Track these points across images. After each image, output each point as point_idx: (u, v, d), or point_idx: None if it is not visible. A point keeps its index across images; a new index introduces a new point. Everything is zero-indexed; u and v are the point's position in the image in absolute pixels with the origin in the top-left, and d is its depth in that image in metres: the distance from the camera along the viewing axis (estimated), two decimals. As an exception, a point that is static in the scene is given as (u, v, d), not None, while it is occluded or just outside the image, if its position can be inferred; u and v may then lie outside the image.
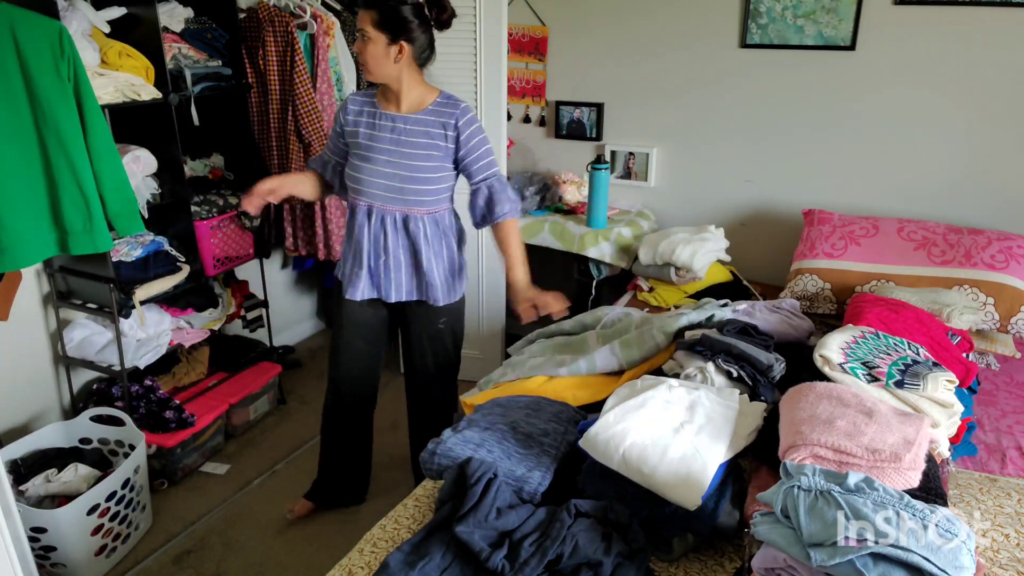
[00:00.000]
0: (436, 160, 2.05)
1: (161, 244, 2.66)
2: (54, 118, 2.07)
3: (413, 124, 2.03)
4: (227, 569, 2.31)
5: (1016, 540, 1.48)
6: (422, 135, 2.03)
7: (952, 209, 2.77)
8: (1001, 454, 1.82)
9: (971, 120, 2.68)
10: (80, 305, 2.56)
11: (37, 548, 2.11)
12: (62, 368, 2.67)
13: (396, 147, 2.04)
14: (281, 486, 2.70)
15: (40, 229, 2.16)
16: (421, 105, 2.05)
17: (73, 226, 2.18)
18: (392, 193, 2.06)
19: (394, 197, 2.06)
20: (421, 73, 2.07)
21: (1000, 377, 2.22)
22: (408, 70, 2.01)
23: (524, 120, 3.51)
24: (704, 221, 3.15)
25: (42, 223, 2.16)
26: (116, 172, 2.25)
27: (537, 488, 1.51)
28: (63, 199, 2.15)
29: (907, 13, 2.66)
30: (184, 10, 2.71)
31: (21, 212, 2.09)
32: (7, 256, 2.09)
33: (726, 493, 1.44)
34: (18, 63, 2.00)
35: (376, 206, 2.08)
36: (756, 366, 1.75)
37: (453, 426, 1.72)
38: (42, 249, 2.18)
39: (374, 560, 1.46)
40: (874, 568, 1.06)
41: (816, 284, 2.56)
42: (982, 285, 2.37)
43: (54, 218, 2.17)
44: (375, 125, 2.07)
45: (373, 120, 2.07)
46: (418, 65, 2.04)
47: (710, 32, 2.99)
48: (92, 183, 2.18)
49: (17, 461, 2.27)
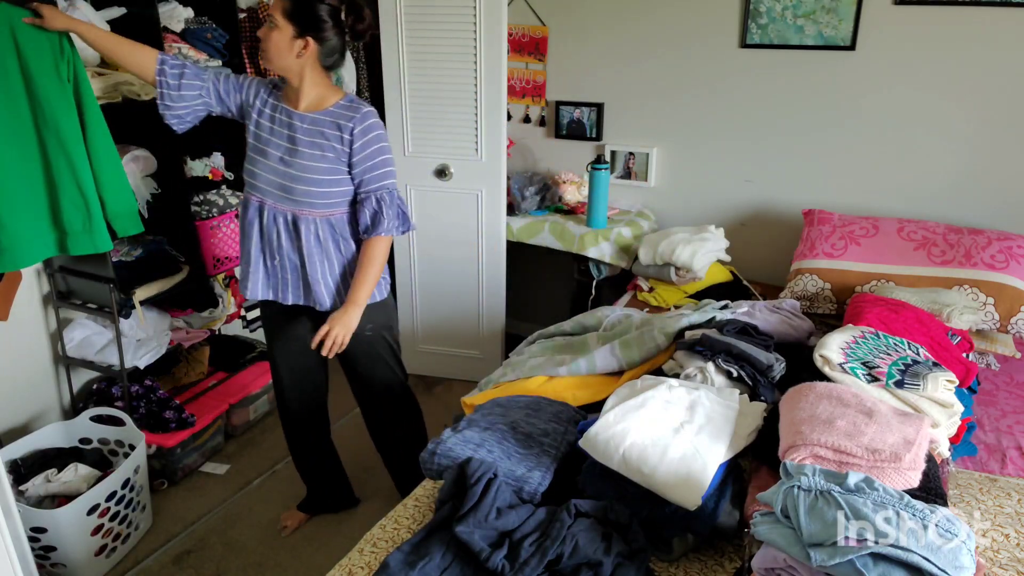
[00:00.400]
0: (328, 162, 1.95)
1: (161, 244, 2.66)
2: (54, 119, 2.07)
3: (309, 123, 1.95)
4: (227, 569, 2.31)
5: (1016, 540, 1.48)
6: (317, 135, 1.94)
7: (952, 209, 2.77)
8: (1001, 454, 1.82)
9: (971, 120, 2.68)
10: (80, 305, 2.56)
11: (37, 548, 2.11)
12: (62, 368, 2.67)
13: (290, 144, 1.96)
14: (281, 486, 2.70)
15: (40, 229, 2.16)
16: (320, 105, 1.96)
17: (72, 226, 2.18)
18: (282, 192, 1.98)
19: (284, 197, 1.98)
20: (327, 75, 2.00)
21: (1000, 377, 2.22)
22: (311, 68, 1.94)
23: (524, 120, 3.51)
24: (704, 221, 3.16)
25: (42, 223, 2.16)
26: (116, 173, 2.25)
27: (537, 488, 1.51)
28: (63, 200, 2.15)
29: (907, 13, 2.66)
30: (184, 10, 2.70)
31: (21, 212, 2.09)
32: (6, 256, 2.09)
33: (726, 493, 1.44)
34: (18, 64, 2.00)
35: (268, 203, 2.01)
36: (756, 366, 1.75)
37: (453, 426, 1.72)
38: (41, 249, 2.18)
39: (374, 560, 1.46)
40: (874, 568, 1.06)
41: (816, 284, 2.56)
42: (982, 285, 2.37)
43: (54, 218, 2.17)
44: (274, 119, 2.00)
45: (273, 114, 2.00)
46: (323, 67, 1.97)
47: (710, 32, 2.99)
48: (91, 183, 2.17)
49: (17, 461, 2.27)
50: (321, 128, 1.95)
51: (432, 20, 2.93)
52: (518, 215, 3.24)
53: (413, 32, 2.97)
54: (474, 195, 3.11)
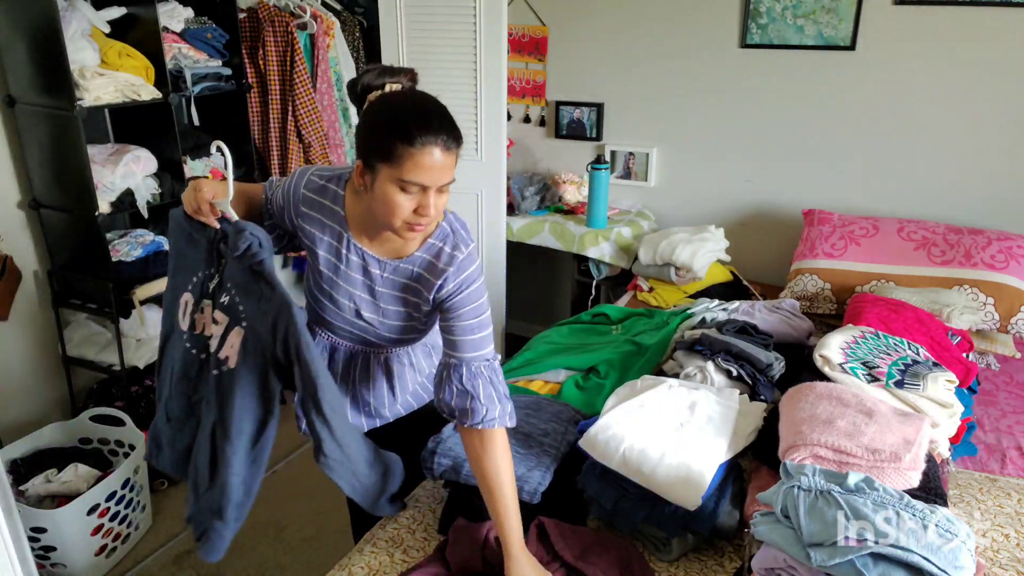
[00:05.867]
0: (415, 320, 1.52)
1: (161, 244, 2.66)
2: None
3: (391, 273, 1.45)
4: (227, 569, 2.31)
5: (1016, 540, 1.48)
6: (401, 288, 1.46)
7: (952, 209, 2.77)
8: (1001, 454, 1.82)
9: (971, 120, 2.68)
10: (80, 305, 2.56)
11: (37, 548, 2.11)
12: (62, 368, 2.66)
13: (367, 296, 1.47)
14: (281, 486, 2.70)
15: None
16: (404, 251, 1.44)
17: None
18: (362, 344, 1.58)
19: (365, 342, 1.57)
20: None
21: (1000, 377, 2.22)
22: None
23: (524, 120, 3.51)
24: (704, 221, 3.15)
25: None
26: None
27: (537, 488, 1.51)
28: None
29: (907, 13, 2.66)
30: (184, 10, 2.71)
31: None
32: None
33: (726, 493, 1.44)
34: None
35: (343, 344, 1.60)
36: (755, 365, 1.76)
37: (454, 424, 1.71)
38: None
39: (374, 560, 1.46)
40: (874, 568, 1.06)
41: (816, 284, 2.55)
42: (982, 285, 2.37)
43: None
44: (340, 255, 1.45)
45: (338, 245, 1.45)
46: None
47: (710, 32, 2.99)
48: None
49: (17, 461, 2.27)
50: (405, 280, 1.45)
51: (432, 20, 2.93)
52: (518, 215, 3.24)
53: (413, 32, 2.97)
54: (474, 195, 3.10)
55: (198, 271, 1.48)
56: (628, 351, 2.14)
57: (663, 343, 2.11)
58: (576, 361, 2.12)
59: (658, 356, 2.07)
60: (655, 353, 2.09)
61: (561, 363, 2.11)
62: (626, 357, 2.12)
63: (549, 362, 2.13)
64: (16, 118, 2.41)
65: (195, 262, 1.48)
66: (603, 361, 2.10)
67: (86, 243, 2.46)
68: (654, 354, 2.08)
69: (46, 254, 2.58)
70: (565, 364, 2.11)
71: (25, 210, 2.51)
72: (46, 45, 2.21)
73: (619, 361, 2.10)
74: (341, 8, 3.26)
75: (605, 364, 2.09)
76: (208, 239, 1.46)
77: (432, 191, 1.30)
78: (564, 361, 2.12)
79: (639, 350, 2.14)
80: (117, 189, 2.45)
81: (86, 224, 2.41)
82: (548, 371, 2.09)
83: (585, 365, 2.11)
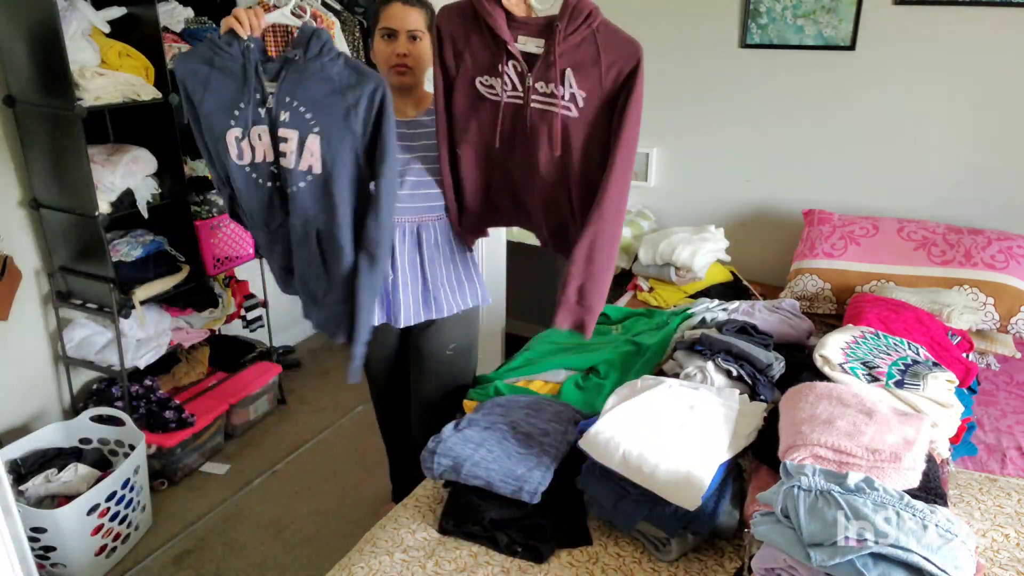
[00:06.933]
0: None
1: (161, 244, 2.66)
2: None
3: (429, 124, 1.83)
4: (227, 569, 2.31)
5: (1016, 540, 1.48)
6: (434, 135, 1.81)
7: (952, 209, 2.77)
8: (1001, 454, 1.82)
9: (971, 120, 2.68)
10: (80, 305, 2.56)
11: (37, 548, 2.11)
12: (62, 368, 2.66)
13: (407, 154, 1.81)
14: (281, 486, 2.70)
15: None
16: (426, 100, 1.87)
17: None
18: (403, 202, 1.82)
19: (404, 207, 1.82)
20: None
21: (1000, 377, 2.22)
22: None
23: (524, 120, 3.50)
24: (704, 221, 3.15)
25: None
26: None
27: (537, 488, 1.51)
28: None
29: (907, 13, 2.66)
30: (184, 10, 2.70)
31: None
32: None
33: (726, 493, 1.44)
34: None
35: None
36: (755, 364, 1.76)
37: (455, 424, 1.71)
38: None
39: (374, 560, 1.46)
40: (874, 568, 1.06)
41: (816, 284, 2.56)
42: (982, 285, 2.37)
43: None
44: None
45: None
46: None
47: (710, 32, 2.99)
48: None
49: (17, 461, 2.27)
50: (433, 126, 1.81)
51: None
52: (518, 215, 3.23)
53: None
54: (474, 195, 3.10)
55: (239, 103, 1.62)
56: (628, 351, 2.15)
57: (663, 343, 2.11)
58: (576, 361, 2.12)
59: (658, 356, 2.07)
60: (655, 353, 2.09)
61: (561, 363, 2.11)
62: (626, 357, 2.12)
63: (549, 362, 2.13)
64: (16, 118, 2.41)
65: (231, 98, 1.63)
66: (603, 361, 2.10)
67: (86, 243, 2.46)
68: (654, 354, 2.08)
69: (46, 254, 2.58)
70: (565, 364, 2.11)
71: (25, 210, 2.51)
72: (46, 45, 2.21)
73: (619, 361, 2.10)
74: (341, 8, 3.25)
75: (605, 364, 2.09)
76: (241, 65, 1.61)
77: (403, 35, 1.76)
78: (564, 361, 2.12)
79: (639, 350, 2.14)
80: (117, 189, 2.45)
81: (86, 224, 2.41)
82: (548, 371, 2.09)
83: (585, 365, 2.11)
